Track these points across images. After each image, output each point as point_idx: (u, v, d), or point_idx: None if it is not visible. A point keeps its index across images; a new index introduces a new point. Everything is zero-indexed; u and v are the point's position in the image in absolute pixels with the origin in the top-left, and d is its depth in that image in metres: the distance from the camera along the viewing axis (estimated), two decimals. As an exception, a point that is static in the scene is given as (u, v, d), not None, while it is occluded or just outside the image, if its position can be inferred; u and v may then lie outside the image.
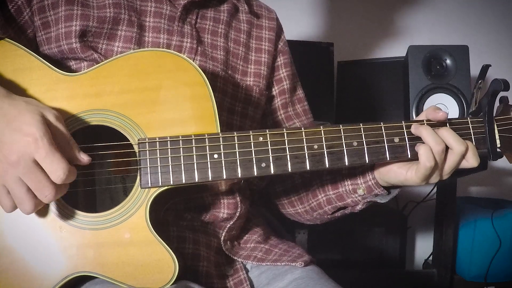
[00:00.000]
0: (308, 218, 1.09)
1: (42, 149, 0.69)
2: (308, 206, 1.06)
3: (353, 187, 0.96)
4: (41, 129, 0.70)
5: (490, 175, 2.34)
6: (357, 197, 0.96)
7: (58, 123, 0.74)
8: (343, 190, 0.97)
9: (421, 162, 0.83)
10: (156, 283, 0.78)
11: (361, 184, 0.95)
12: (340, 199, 0.99)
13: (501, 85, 0.83)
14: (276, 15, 1.13)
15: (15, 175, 0.71)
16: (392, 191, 0.96)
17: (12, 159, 0.70)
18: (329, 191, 1.00)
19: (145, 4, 0.94)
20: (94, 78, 0.83)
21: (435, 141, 0.83)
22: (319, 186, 1.02)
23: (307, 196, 1.05)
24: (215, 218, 0.94)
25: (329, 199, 1.00)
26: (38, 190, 0.72)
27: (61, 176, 0.71)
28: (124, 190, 0.92)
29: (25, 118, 0.71)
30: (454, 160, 0.84)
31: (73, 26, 0.88)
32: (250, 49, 1.05)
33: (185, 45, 0.95)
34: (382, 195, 0.95)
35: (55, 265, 0.78)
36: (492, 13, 2.47)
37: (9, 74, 0.81)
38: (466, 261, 2.11)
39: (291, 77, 1.11)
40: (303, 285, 0.87)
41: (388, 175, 0.90)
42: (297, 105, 1.13)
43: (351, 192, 0.96)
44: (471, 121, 0.88)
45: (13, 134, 0.70)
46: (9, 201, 0.73)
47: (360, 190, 0.95)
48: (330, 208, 1.01)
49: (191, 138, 0.80)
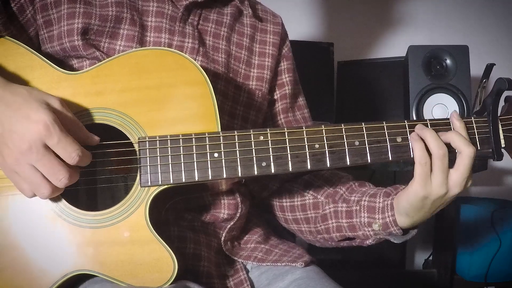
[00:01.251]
0: (309, 238, 1.05)
1: (54, 134, 0.70)
2: (314, 228, 1.01)
3: (369, 220, 0.90)
4: (50, 115, 0.70)
5: (490, 175, 2.34)
6: (370, 231, 0.91)
7: (63, 108, 0.75)
8: (357, 221, 0.92)
9: (415, 158, 0.81)
10: (155, 282, 0.78)
11: (378, 219, 0.89)
12: (351, 230, 0.93)
13: (505, 84, 0.83)
14: (281, 20, 1.12)
15: (27, 164, 0.71)
16: (410, 232, 0.91)
17: (24, 147, 0.70)
18: (342, 218, 0.95)
19: (147, 3, 0.94)
20: (95, 77, 0.83)
21: (437, 145, 0.80)
22: (332, 212, 0.97)
23: (315, 218, 1.00)
24: (215, 219, 0.94)
25: (339, 227, 0.95)
26: (53, 175, 0.72)
27: (75, 157, 0.72)
28: (126, 189, 0.92)
29: (31, 105, 0.71)
30: (465, 164, 0.81)
31: (75, 24, 0.88)
32: (253, 53, 1.05)
33: (187, 45, 0.94)
34: (396, 235, 0.89)
35: (55, 263, 0.78)
36: (492, 13, 2.46)
37: (11, 73, 0.81)
38: (466, 261, 2.11)
39: (293, 83, 1.11)
40: (303, 285, 0.87)
41: (401, 201, 0.86)
42: (297, 112, 1.12)
43: (365, 225, 0.91)
44: (475, 120, 0.87)
45: (22, 122, 0.70)
46: (28, 185, 0.74)
47: (376, 225, 0.89)
48: (338, 236, 0.96)
49: (191, 137, 0.80)
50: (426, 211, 0.85)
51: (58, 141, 0.71)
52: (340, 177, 1.03)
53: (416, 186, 0.82)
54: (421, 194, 0.82)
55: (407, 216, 0.86)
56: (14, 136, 0.70)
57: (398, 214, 0.87)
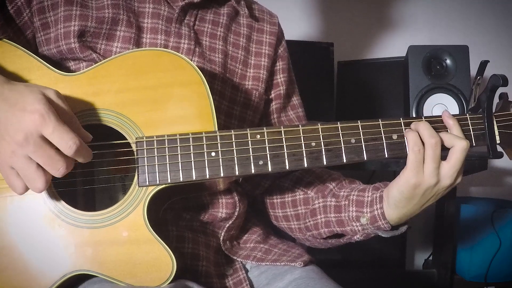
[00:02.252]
0: (299, 236, 1.05)
1: (49, 123, 0.69)
2: (303, 225, 1.01)
3: (357, 214, 0.90)
4: (45, 105, 0.70)
5: (490, 175, 2.33)
6: (357, 226, 0.91)
7: (59, 100, 0.74)
8: (345, 215, 0.92)
9: (409, 146, 0.82)
10: (154, 281, 0.78)
11: (366, 213, 0.89)
12: (339, 225, 0.94)
13: (499, 80, 0.83)
14: (278, 20, 1.12)
15: (23, 154, 0.70)
16: (400, 228, 0.90)
17: (20, 138, 0.69)
18: (330, 213, 0.95)
19: (143, 5, 0.94)
20: (92, 78, 0.83)
21: (429, 135, 0.81)
22: (321, 207, 0.97)
23: (305, 214, 1.01)
24: (213, 218, 0.94)
25: (328, 222, 0.95)
26: (50, 165, 0.71)
27: (72, 146, 0.70)
28: (123, 189, 0.92)
29: (27, 98, 0.70)
30: (457, 157, 0.82)
31: (71, 26, 0.88)
32: (250, 53, 1.05)
33: (183, 46, 0.95)
34: (384, 229, 0.89)
35: (54, 263, 0.78)
36: (492, 13, 2.46)
37: (8, 75, 0.81)
38: (466, 261, 2.11)
39: (288, 83, 1.11)
40: (303, 285, 0.87)
41: (391, 190, 0.86)
42: (290, 111, 1.12)
43: (353, 219, 0.91)
44: (470, 117, 0.87)
45: (18, 115, 0.69)
46: (20, 182, 0.72)
47: (363, 219, 0.89)
48: (326, 232, 0.96)
49: (188, 137, 0.80)
50: (415, 203, 0.85)
51: (54, 130, 0.69)
52: (331, 173, 1.04)
53: (408, 173, 0.82)
54: (412, 182, 0.82)
55: (396, 207, 0.86)
56: (10, 128, 0.70)
57: (387, 207, 0.87)
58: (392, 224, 0.89)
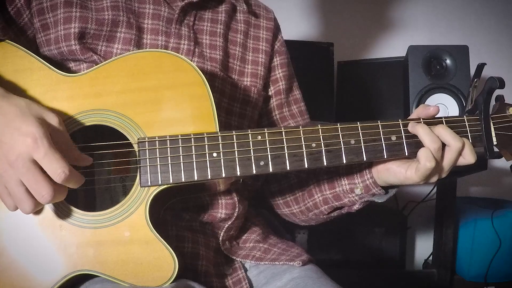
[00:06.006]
0: (303, 218, 1.09)
1: (41, 148, 0.69)
2: (304, 206, 1.05)
3: (351, 186, 0.95)
4: (40, 129, 0.70)
5: (490, 175, 2.34)
6: (354, 197, 0.95)
7: (58, 125, 0.74)
8: (340, 189, 0.97)
9: (421, 163, 0.83)
10: (156, 281, 0.78)
11: (358, 183, 0.94)
12: (337, 199, 0.98)
13: (496, 82, 0.84)
14: (274, 15, 1.13)
15: (14, 175, 0.71)
16: (390, 190, 0.95)
17: (12, 158, 0.70)
18: (326, 190, 0.99)
19: (143, 6, 0.95)
20: (94, 79, 0.83)
21: (431, 140, 0.83)
22: (315, 186, 1.01)
23: (303, 196, 1.05)
24: (213, 219, 0.94)
25: (325, 199, 1.00)
26: (35, 190, 0.71)
27: (61, 174, 0.70)
28: (124, 190, 0.92)
29: (25, 118, 0.71)
30: (451, 157, 0.84)
31: (71, 28, 0.88)
32: (248, 49, 1.05)
33: (182, 47, 0.95)
34: (379, 194, 0.94)
35: (55, 264, 0.78)
36: (492, 13, 2.47)
37: (10, 75, 0.82)
38: (466, 261, 2.11)
39: (287, 78, 1.11)
40: (301, 284, 0.88)
41: (387, 174, 0.89)
42: (292, 106, 1.13)
43: (348, 191, 0.96)
44: (468, 119, 0.88)
45: (13, 133, 0.70)
46: (11, 201, 0.74)
47: (357, 189, 0.94)
48: (326, 208, 1.01)
49: (190, 137, 0.81)
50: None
51: (45, 156, 0.69)
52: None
53: (414, 178, 0.85)
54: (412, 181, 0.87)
55: (386, 183, 0.92)
56: (5, 146, 0.70)
57: (377, 178, 0.92)
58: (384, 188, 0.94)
